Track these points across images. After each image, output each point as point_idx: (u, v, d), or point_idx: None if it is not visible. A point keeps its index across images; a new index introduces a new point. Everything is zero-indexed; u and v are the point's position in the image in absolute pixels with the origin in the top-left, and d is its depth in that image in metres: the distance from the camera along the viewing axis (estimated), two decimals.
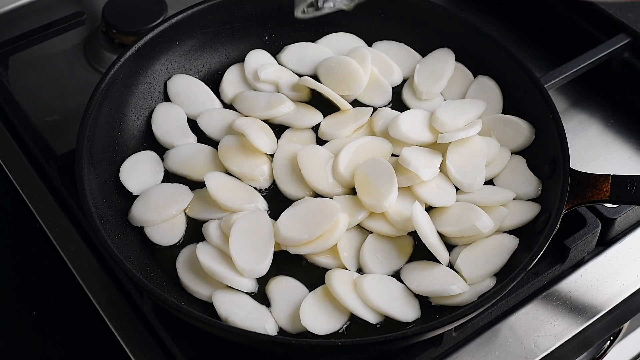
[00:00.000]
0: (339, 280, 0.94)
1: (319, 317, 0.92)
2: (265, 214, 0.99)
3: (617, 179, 0.97)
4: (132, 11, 1.26)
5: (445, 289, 0.93)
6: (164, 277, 0.96)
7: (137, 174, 1.04)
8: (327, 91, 1.09)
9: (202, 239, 0.98)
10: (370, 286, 0.93)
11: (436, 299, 0.94)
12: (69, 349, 0.98)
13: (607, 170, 1.12)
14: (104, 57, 1.26)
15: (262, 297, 0.95)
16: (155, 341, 0.97)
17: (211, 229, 0.98)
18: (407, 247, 0.99)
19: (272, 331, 0.92)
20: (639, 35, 1.19)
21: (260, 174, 1.04)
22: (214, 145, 1.07)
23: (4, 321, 1.01)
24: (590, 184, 0.97)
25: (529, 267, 0.90)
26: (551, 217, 0.94)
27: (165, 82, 1.12)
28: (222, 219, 0.99)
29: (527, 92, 1.06)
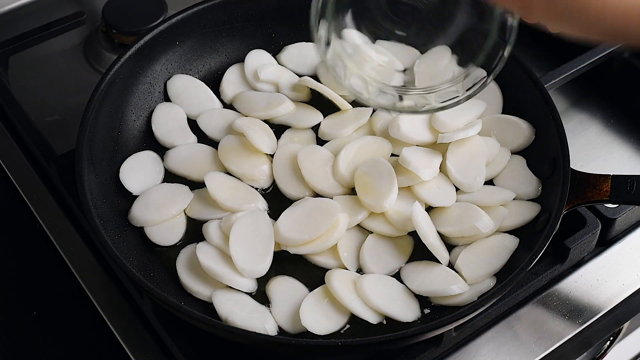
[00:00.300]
0: (339, 280, 0.94)
1: (319, 317, 0.92)
2: (265, 214, 0.99)
3: (617, 179, 0.96)
4: (132, 11, 1.26)
5: (445, 289, 0.93)
6: (164, 277, 0.96)
7: (137, 174, 1.04)
8: (327, 91, 1.09)
9: (202, 239, 0.98)
10: (370, 286, 0.93)
11: (436, 299, 0.94)
12: (69, 349, 0.98)
13: (607, 170, 1.12)
14: (104, 57, 1.26)
15: (262, 297, 0.95)
16: (155, 341, 0.97)
17: (211, 229, 0.98)
18: (407, 247, 0.99)
19: (272, 331, 0.92)
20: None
21: (260, 174, 1.04)
22: (214, 145, 1.07)
23: (4, 321, 1.01)
24: (590, 184, 0.97)
25: (529, 267, 0.90)
26: (551, 217, 0.94)
27: (165, 82, 1.12)
28: (222, 219, 0.99)
29: (527, 92, 1.06)
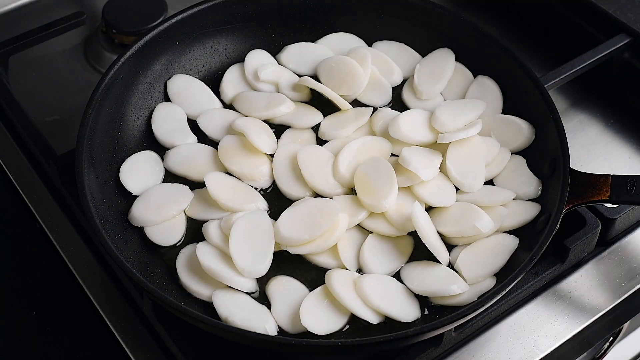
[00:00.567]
0: (339, 280, 0.94)
1: (319, 317, 0.92)
2: (265, 214, 0.99)
3: (617, 179, 0.97)
4: (132, 11, 1.26)
5: (445, 289, 0.93)
6: (164, 277, 0.96)
7: (137, 174, 1.04)
8: (327, 91, 1.09)
9: (202, 239, 0.98)
10: (370, 286, 0.93)
11: (436, 299, 0.94)
12: (69, 349, 0.98)
13: (607, 170, 1.13)
14: (104, 57, 1.27)
15: (262, 297, 0.95)
16: (155, 341, 0.97)
17: (211, 229, 0.98)
18: (407, 247, 0.99)
19: (272, 331, 0.92)
20: (639, 35, 1.19)
21: (260, 174, 1.04)
22: (214, 145, 1.07)
23: (4, 321, 1.01)
24: (590, 184, 0.97)
25: (529, 267, 0.90)
26: (551, 217, 0.94)
27: (165, 82, 1.12)
28: (222, 219, 0.99)
29: (527, 92, 1.06)
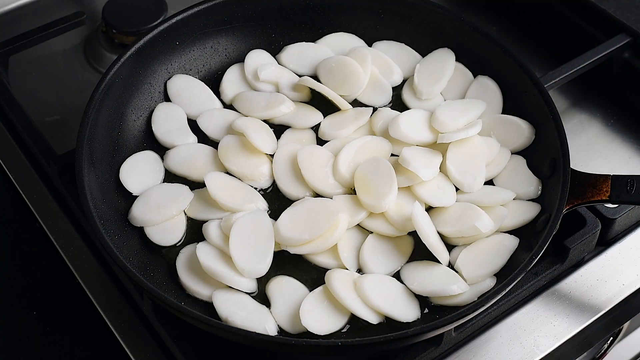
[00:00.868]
0: (339, 280, 0.94)
1: (319, 317, 0.92)
2: (265, 214, 0.99)
3: (617, 179, 0.97)
4: (132, 11, 1.26)
5: (445, 289, 0.93)
6: (164, 277, 0.96)
7: (137, 174, 1.04)
8: (327, 91, 1.09)
9: (202, 239, 0.98)
10: (370, 286, 0.93)
11: (436, 299, 0.94)
12: (69, 349, 0.98)
13: (607, 170, 1.13)
14: (104, 57, 1.27)
15: (262, 297, 0.95)
16: (155, 341, 0.97)
17: (211, 229, 0.98)
18: (407, 247, 0.99)
19: (272, 331, 0.92)
20: (639, 35, 1.19)
21: (260, 174, 1.04)
22: (214, 145, 1.07)
23: (4, 321, 1.01)
24: (590, 184, 0.97)
25: (529, 267, 0.90)
26: (551, 217, 0.94)
27: (165, 82, 1.12)
28: (222, 219, 0.99)
29: (527, 92, 1.06)
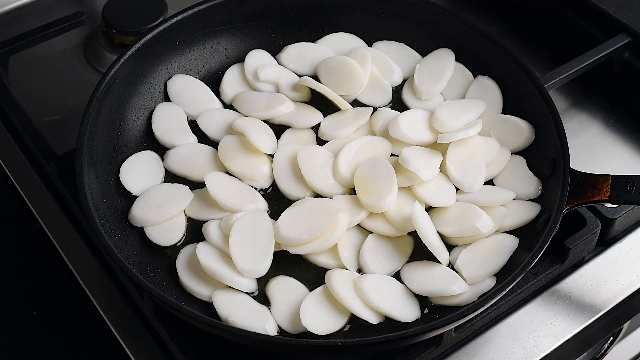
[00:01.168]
0: (339, 280, 0.94)
1: (319, 317, 0.92)
2: (265, 214, 0.99)
3: (617, 179, 0.97)
4: (132, 11, 1.26)
5: (445, 289, 0.93)
6: (164, 277, 0.96)
7: (137, 174, 1.04)
8: (327, 91, 1.09)
9: (202, 239, 0.98)
10: (370, 286, 0.93)
11: (436, 299, 0.94)
12: (69, 349, 0.98)
13: (607, 170, 1.12)
14: (104, 57, 1.27)
15: (262, 297, 0.95)
16: (155, 341, 0.97)
17: (211, 229, 0.98)
18: (407, 247, 0.99)
19: (272, 331, 0.92)
20: (639, 35, 1.19)
21: (260, 174, 1.04)
22: (214, 145, 1.07)
23: (4, 321, 1.01)
24: (590, 184, 0.97)
25: (529, 267, 0.90)
26: (551, 217, 0.94)
27: (165, 82, 1.12)
28: (222, 219, 0.99)
29: (527, 92, 1.06)
